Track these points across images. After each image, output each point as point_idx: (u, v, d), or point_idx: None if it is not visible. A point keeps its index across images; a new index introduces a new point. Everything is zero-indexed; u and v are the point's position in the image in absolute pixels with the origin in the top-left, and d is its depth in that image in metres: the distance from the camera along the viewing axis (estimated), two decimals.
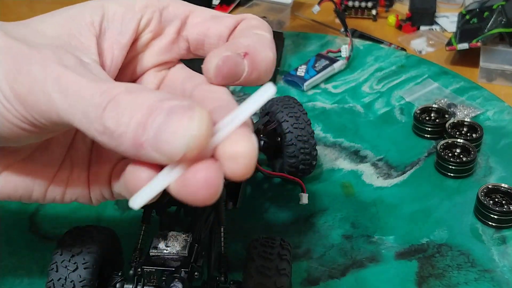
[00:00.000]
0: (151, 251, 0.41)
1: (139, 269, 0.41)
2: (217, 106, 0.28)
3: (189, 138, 0.23)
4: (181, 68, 0.36)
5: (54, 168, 0.35)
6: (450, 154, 0.61)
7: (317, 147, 0.57)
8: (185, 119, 0.23)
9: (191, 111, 0.23)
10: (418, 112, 0.67)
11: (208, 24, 0.34)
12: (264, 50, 0.31)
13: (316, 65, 0.78)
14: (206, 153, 0.24)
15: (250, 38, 0.31)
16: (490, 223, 0.54)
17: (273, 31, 0.91)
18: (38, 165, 0.34)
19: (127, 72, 0.35)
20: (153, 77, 0.35)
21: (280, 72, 0.78)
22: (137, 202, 0.26)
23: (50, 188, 0.35)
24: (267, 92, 0.25)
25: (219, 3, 0.99)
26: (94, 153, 0.36)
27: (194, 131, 0.23)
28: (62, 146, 0.35)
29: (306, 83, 0.75)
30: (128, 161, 0.28)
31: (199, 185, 0.24)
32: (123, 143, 0.25)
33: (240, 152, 0.25)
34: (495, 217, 0.53)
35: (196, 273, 0.40)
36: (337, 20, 0.89)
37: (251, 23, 0.33)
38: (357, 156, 0.64)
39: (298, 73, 0.77)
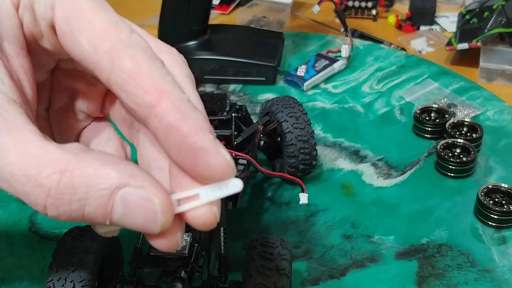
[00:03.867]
0: (151, 251, 0.41)
1: (139, 269, 0.41)
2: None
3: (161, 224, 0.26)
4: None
5: None
6: (450, 154, 0.61)
7: (317, 147, 0.57)
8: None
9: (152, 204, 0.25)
10: (418, 112, 0.67)
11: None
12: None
13: (316, 65, 0.78)
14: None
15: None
16: (490, 223, 0.54)
17: (273, 31, 0.91)
18: None
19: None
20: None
21: (280, 72, 0.78)
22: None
23: None
24: (235, 187, 0.26)
25: (219, 3, 0.99)
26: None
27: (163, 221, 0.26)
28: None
29: (306, 83, 0.75)
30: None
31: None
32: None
33: (201, 219, 0.26)
34: (495, 217, 0.53)
35: (196, 273, 0.40)
36: (337, 20, 0.89)
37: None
38: (357, 156, 0.64)
39: (298, 73, 0.77)
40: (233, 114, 0.55)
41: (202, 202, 0.26)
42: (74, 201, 0.24)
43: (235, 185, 0.26)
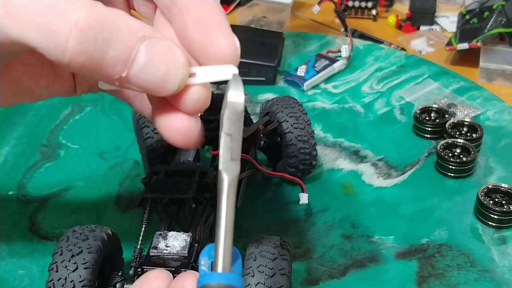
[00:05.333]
0: (151, 251, 0.41)
1: (139, 269, 0.41)
2: None
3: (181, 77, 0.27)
4: None
5: (40, 67, 0.33)
6: (450, 154, 0.61)
7: (317, 147, 0.57)
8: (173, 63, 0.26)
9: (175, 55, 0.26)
10: (418, 112, 0.67)
11: None
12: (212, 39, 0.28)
13: (316, 65, 0.78)
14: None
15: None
16: (490, 223, 0.54)
17: (273, 31, 0.90)
18: (24, 65, 0.32)
19: None
20: None
21: (280, 72, 0.78)
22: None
23: (39, 85, 0.33)
24: (232, 72, 0.27)
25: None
26: None
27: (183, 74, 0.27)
28: None
29: (306, 83, 0.75)
30: None
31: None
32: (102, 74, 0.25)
33: (194, 95, 0.28)
34: (495, 217, 0.53)
35: None
36: (337, 20, 0.89)
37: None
38: (357, 156, 0.64)
39: (298, 73, 0.77)
40: None
41: (200, 81, 0.27)
42: (100, 40, 0.24)
43: (232, 71, 0.27)
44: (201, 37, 0.27)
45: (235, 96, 0.26)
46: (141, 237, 0.44)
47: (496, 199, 0.55)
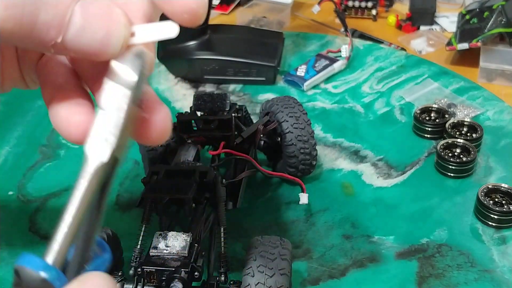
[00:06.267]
0: (151, 251, 0.41)
1: (139, 269, 0.41)
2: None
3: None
4: None
5: None
6: (450, 154, 0.61)
7: (317, 147, 0.57)
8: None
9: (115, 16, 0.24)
10: (418, 112, 0.67)
11: None
12: None
13: (316, 65, 0.78)
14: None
15: None
16: (490, 223, 0.54)
17: (273, 31, 0.90)
18: None
19: None
20: None
21: (280, 72, 0.78)
22: None
23: None
24: (171, 30, 0.25)
25: (219, 3, 0.99)
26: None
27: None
28: None
29: (306, 83, 0.75)
30: None
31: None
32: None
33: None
34: (495, 217, 0.53)
35: (196, 273, 0.40)
36: (337, 20, 0.89)
37: None
38: (357, 156, 0.64)
39: (298, 73, 0.77)
40: (233, 114, 0.55)
41: (142, 40, 0.24)
42: (29, 3, 0.22)
43: (172, 29, 0.24)
44: None
45: (127, 73, 0.23)
46: (141, 237, 0.44)
47: (496, 199, 0.55)
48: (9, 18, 0.22)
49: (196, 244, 0.42)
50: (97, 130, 0.23)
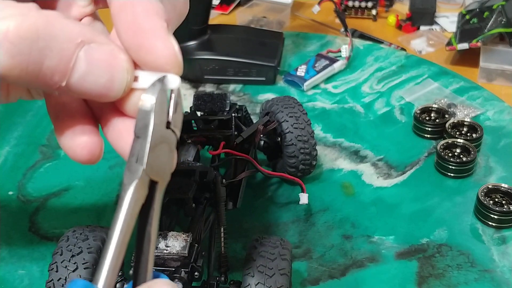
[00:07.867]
0: None
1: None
2: None
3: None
4: None
5: None
6: (450, 154, 0.61)
7: (317, 147, 0.57)
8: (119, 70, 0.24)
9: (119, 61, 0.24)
10: (418, 112, 0.67)
11: None
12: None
13: (316, 65, 0.78)
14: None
15: None
16: (490, 223, 0.54)
17: (273, 31, 0.90)
18: None
19: None
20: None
21: (280, 72, 0.78)
22: None
23: None
24: (173, 82, 0.26)
25: (219, 3, 0.99)
26: None
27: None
28: None
29: (306, 83, 0.75)
30: None
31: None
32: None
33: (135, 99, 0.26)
34: (495, 217, 0.53)
35: (196, 273, 0.40)
36: (337, 20, 0.89)
37: None
38: (357, 156, 0.64)
39: (298, 73, 0.77)
40: (233, 114, 0.55)
41: (144, 85, 0.25)
42: (35, 50, 0.22)
43: (174, 80, 0.25)
44: (134, 45, 0.25)
45: (147, 100, 0.24)
46: None
47: (496, 199, 0.55)
48: (16, 65, 0.22)
49: (196, 244, 0.42)
50: (131, 153, 0.24)
